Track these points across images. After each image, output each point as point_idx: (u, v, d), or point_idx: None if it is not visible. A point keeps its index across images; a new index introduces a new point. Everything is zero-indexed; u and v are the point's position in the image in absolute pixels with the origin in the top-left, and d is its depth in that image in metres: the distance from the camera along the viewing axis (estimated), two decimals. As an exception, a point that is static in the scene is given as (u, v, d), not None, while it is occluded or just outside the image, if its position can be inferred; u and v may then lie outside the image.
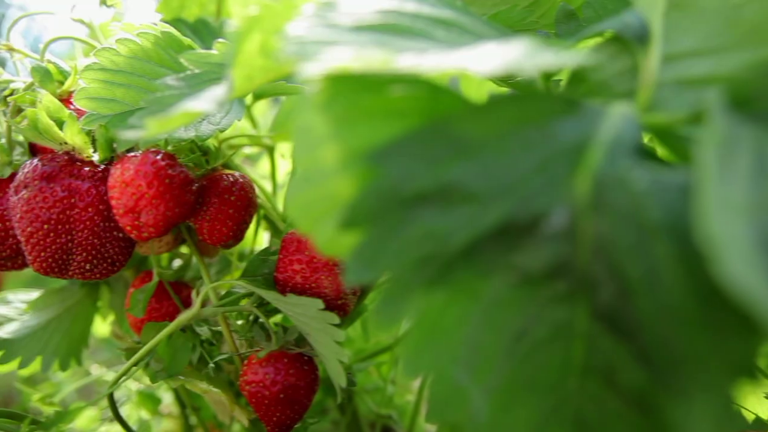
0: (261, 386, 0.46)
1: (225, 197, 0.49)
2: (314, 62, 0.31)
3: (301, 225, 0.33)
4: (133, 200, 0.44)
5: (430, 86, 0.34)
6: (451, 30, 0.37)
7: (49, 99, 0.47)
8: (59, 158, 0.48)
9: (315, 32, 0.34)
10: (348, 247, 0.32)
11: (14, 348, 0.56)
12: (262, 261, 0.49)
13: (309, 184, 0.33)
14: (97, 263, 0.49)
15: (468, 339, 0.33)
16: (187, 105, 0.36)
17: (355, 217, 0.32)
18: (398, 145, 0.32)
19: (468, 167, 0.32)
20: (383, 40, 0.34)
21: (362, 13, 0.35)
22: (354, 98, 0.33)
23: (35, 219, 0.47)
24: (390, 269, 0.32)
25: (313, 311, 0.44)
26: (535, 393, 0.33)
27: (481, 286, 0.32)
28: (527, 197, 0.32)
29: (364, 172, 0.32)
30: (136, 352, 0.49)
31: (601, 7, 0.47)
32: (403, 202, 0.32)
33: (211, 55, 0.44)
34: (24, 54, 0.55)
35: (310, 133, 0.33)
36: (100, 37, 0.58)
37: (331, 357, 0.45)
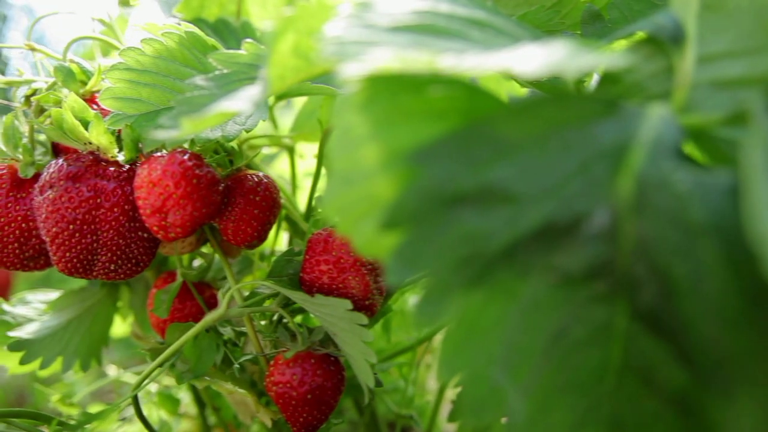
0: (288, 387, 0.46)
1: (250, 197, 0.49)
2: (356, 62, 0.31)
3: (340, 225, 0.33)
4: (160, 200, 0.44)
5: (467, 87, 0.34)
6: (485, 31, 0.37)
7: (74, 99, 0.47)
8: (84, 158, 0.48)
9: (353, 32, 0.34)
10: (388, 248, 0.32)
11: (35, 348, 0.56)
12: (287, 261, 0.49)
13: (349, 185, 0.33)
14: (122, 263, 0.49)
15: (506, 339, 0.33)
16: (223, 105, 0.36)
17: (396, 217, 0.32)
18: (439, 145, 0.32)
19: (508, 168, 0.32)
20: (421, 40, 0.34)
21: (398, 13, 0.35)
22: (394, 99, 0.33)
23: (61, 219, 0.47)
24: (430, 270, 0.32)
25: (341, 312, 0.44)
26: (572, 393, 0.33)
27: (520, 286, 0.33)
28: (568, 198, 0.32)
29: (405, 172, 0.32)
30: (160, 353, 0.48)
31: (626, 8, 0.48)
32: (444, 203, 0.32)
33: (240, 55, 0.44)
34: (46, 54, 0.55)
35: (349, 133, 0.33)
36: (120, 37, 0.58)
37: (359, 357, 0.45)
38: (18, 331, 0.56)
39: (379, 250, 0.33)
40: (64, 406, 0.61)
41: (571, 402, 0.33)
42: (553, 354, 0.32)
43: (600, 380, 0.33)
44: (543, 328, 0.32)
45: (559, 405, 0.33)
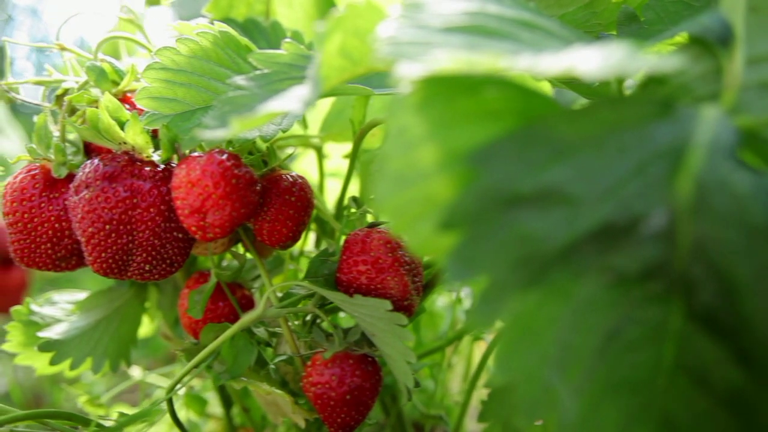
0: (327, 387, 0.46)
1: (285, 198, 0.49)
2: (417, 63, 0.31)
3: (396, 226, 0.33)
4: (199, 201, 0.44)
5: (520, 88, 0.35)
6: (535, 32, 0.37)
7: (109, 98, 0.47)
8: (120, 158, 0.48)
9: (407, 33, 0.34)
10: (445, 249, 0.33)
11: (65, 349, 0.55)
12: (322, 262, 0.49)
13: (404, 185, 0.33)
14: (157, 264, 0.49)
15: (559, 339, 0.33)
16: (274, 105, 0.37)
17: (454, 218, 0.32)
18: (496, 146, 0.33)
19: (566, 170, 0.32)
20: (475, 41, 0.34)
21: (450, 14, 0.36)
22: (450, 100, 0.33)
23: (97, 219, 0.47)
24: (487, 270, 0.32)
25: (381, 312, 0.44)
26: (624, 393, 0.33)
27: (574, 287, 0.33)
28: (626, 200, 0.32)
29: (463, 173, 0.32)
30: (195, 353, 0.48)
31: (662, 9, 0.48)
32: (502, 204, 0.32)
33: (280, 55, 0.44)
34: (76, 53, 0.55)
35: (405, 134, 0.33)
36: (149, 36, 0.58)
37: (398, 358, 0.45)
38: (47, 331, 0.56)
39: (436, 251, 0.33)
40: (91, 406, 0.61)
41: (623, 402, 0.33)
42: (606, 354, 0.33)
43: (652, 380, 0.33)
44: (596, 329, 0.33)
45: (611, 404, 0.33)
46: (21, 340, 0.58)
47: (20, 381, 1.13)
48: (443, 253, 0.32)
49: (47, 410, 0.47)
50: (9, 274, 1.08)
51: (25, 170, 0.51)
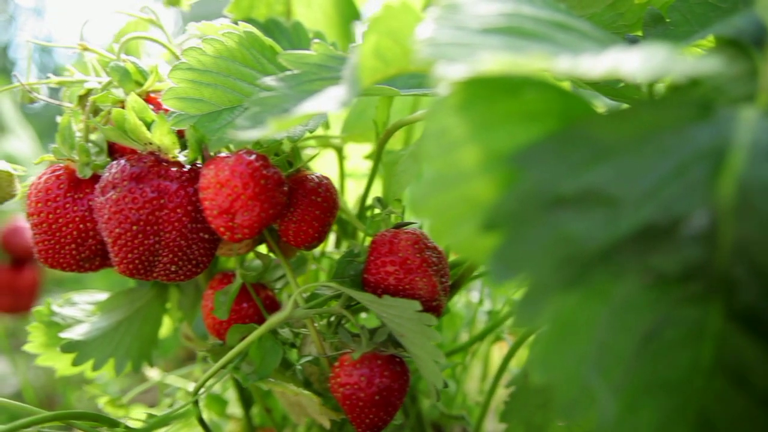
0: (356, 388, 0.46)
1: (312, 198, 0.49)
2: (459, 64, 0.31)
3: (436, 227, 0.34)
4: (228, 201, 0.44)
5: (559, 90, 0.35)
6: (569, 33, 0.37)
7: (135, 99, 0.47)
8: (146, 159, 0.48)
9: (446, 34, 0.34)
10: (487, 249, 0.33)
11: (87, 350, 0.55)
12: (348, 263, 0.49)
13: (446, 186, 0.33)
14: (182, 265, 0.49)
15: (598, 340, 0.33)
16: (311, 105, 0.37)
17: (496, 219, 0.32)
18: (537, 148, 0.33)
19: (607, 171, 0.33)
20: (514, 43, 0.34)
21: (487, 15, 0.36)
22: (491, 101, 0.33)
23: (124, 220, 0.47)
24: (529, 271, 0.33)
25: (410, 313, 0.45)
26: (661, 393, 0.34)
27: (613, 287, 0.33)
28: (667, 201, 0.32)
29: (505, 174, 0.32)
30: (221, 354, 0.48)
31: (688, 10, 0.48)
32: (544, 205, 0.33)
33: (309, 56, 0.44)
34: (99, 54, 0.55)
35: (446, 135, 0.33)
36: (170, 38, 0.58)
37: (427, 358, 0.45)
38: (69, 332, 0.56)
39: (477, 252, 0.33)
40: (112, 407, 0.61)
41: (660, 402, 0.33)
42: (644, 354, 0.33)
43: (689, 380, 0.33)
44: (635, 329, 0.33)
45: (648, 405, 0.33)
46: (42, 341, 0.58)
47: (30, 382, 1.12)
48: (485, 254, 0.32)
49: (73, 411, 0.47)
50: (21, 274, 1.08)
51: (49, 170, 0.52)
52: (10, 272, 1.07)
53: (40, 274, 1.10)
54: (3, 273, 1.07)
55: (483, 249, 0.33)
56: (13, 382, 1.15)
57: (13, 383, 1.15)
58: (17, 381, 1.15)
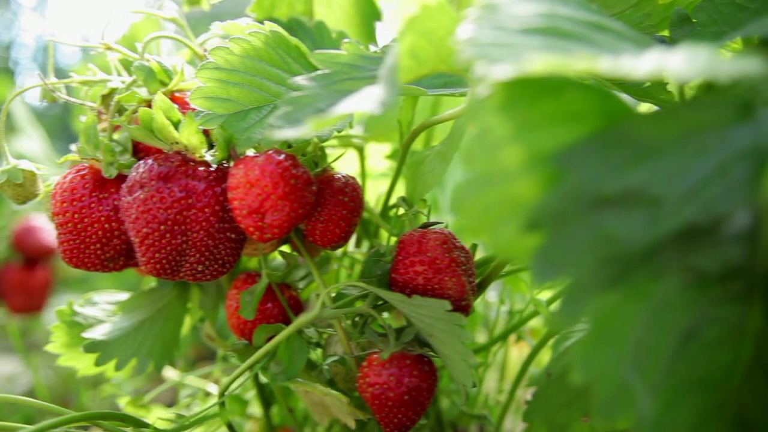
0: (385, 388, 0.46)
1: (339, 198, 0.49)
2: (505, 64, 0.31)
3: (478, 226, 0.34)
4: (258, 201, 0.44)
5: (599, 90, 0.35)
6: (606, 34, 0.37)
7: (162, 98, 0.47)
8: (173, 158, 0.48)
9: (487, 34, 0.34)
10: (530, 249, 0.33)
11: (109, 350, 0.56)
12: (375, 262, 0.49)
13: (488, 186, 0.33)
14: (209, 264, 0.49)
15: (637, 339, 0.34)
16: (349, 105, 0.37)
17: (539, 218, 0.33)
18: (580, 148, 0.33)
19: (649, 171, 0.33)
20: (555, 44, 0.34)
21: (525, 16, 0.36)
22: (534, 101, 0.33)
23: (152, 219, 0.47)
24: (572, 270, 0.33)
25: (440, 312, 0.45)
26: (699, 392, 0.34)
27: (653, 287, 0.33)
28: (708, 201, 0.33)
29: (548, 174, 0.32)
30: (248, 354, 0.49)
31: (714, 11, 0.48)
32: (587, 205, 0.33)
33: (340, 55, 0.44)
34: (123, 53, 0.55)
35: (489, 135, 0.33)
36: (191, 35, 0.58)
37: (457, 358, 0.45)
38: (91, 332, 0.56)
39: (519, 251, 0.33)
40: (134, 408, 0.61)
41: (698, 400, 0.34)
42: (683, 353, 0.33)
43: (728, 379, 0.33)
44: (674, 328, 0.33)
45: (686, 403, 0.33)
46: (64, 341, 0.58)
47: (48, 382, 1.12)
48: (527, 254, 0.33)
49: (101, 412, 0.48)
50: (33, 274, 1.08)
51: (74, 170, 0.52)
52: (23, 272, 1.07)
53: (52, 274, 1.10)
54: (16, 273, 1.07)
55: (525, 249, 0.33)
56: (24, 381, 1.15)
57: (24, 383, 1.15)
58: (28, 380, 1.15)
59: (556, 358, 0.58)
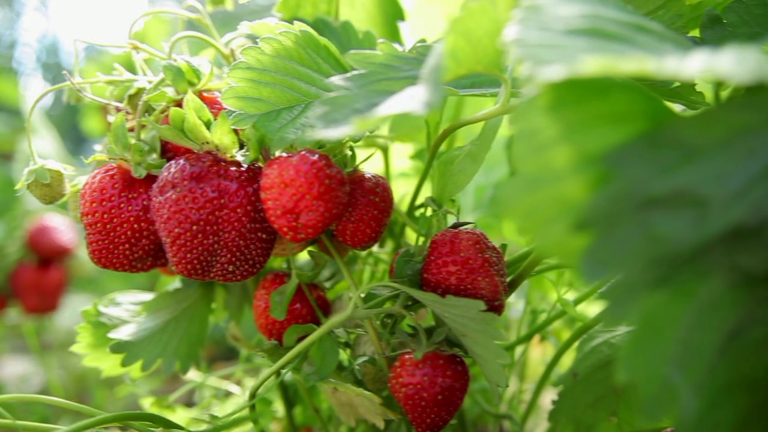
0: (419, 388, 0.46)
1: (370, 198, 0.49)
2: (556, 65, 0.31)
3: (525, 226, 0.34)
4: (292, 201, 0.45)
5: (643, 91, 0.35)
6: (648, 35, 0.38)
7: (193, 98, 0.47)
8: (205, 158, 0.48)
9: (533, 35, 0.34)
10: (578, 249, 0.33)
11: (135, 350, 0.56)
12: (406, 262, 0.49)
13: (536, 186, 0.33)
14: (240, 265, 0.49)
15: (681, 338, 0.34)
16: (393, 106, 0.37)
17: (588, 219, 0.33)
18: (628, 149, 0.33)
19: (696, 172, 0.33)
20: (600, 45, 0.35)
21: (569, 17, 0.36)
22: (581, 102, 0.34)
23: (184, 220, 0.47)
24: (620, 270, 0.33)
25: (473, 312, 0.45)
26: (743, 391, 0.34)
27: (699, 286, 0.34)
28: (756, 201, 0.33)
29: (597, 175, 0.33)
30: (279, 355, 0.49)
31: (745, 12, 0.49)
32: (635, 206, 0.33)
33: (375, 56, 0.45)
34: (150, 53, 0.55)
35: (537, 136, 0.33)
36: (215, 34, 0.58)
37: (491, 358, 0.45)
38: (117, 332, 0.56)
39: (567, 251, 0.34)
40: (158, 408, 0.61)
41: (741, 400, 0.34)
42: (727, 353, 0.34)
43: (770, 379, 0.33)
44: (718, 328, 0.33)
45: (729, 403, 0.34)
46: (90, 341, 0.58)
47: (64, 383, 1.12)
48: (575, 254, 0.33)
49: (132, 413, 0.48)
50: (47, 274, 1.07)
51: (103, 170, 0.52)
52: (37, 272, 1.07)
53: (66, 274, 1.10)
54: (30, 273, 1.07)
55: (573, 249, 0.33)
56: (36, 381, 1.15)
57: (36, 383, 1.14)
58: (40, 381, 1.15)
59: (581, 358, 0.58)
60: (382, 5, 0.64)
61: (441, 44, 0.38)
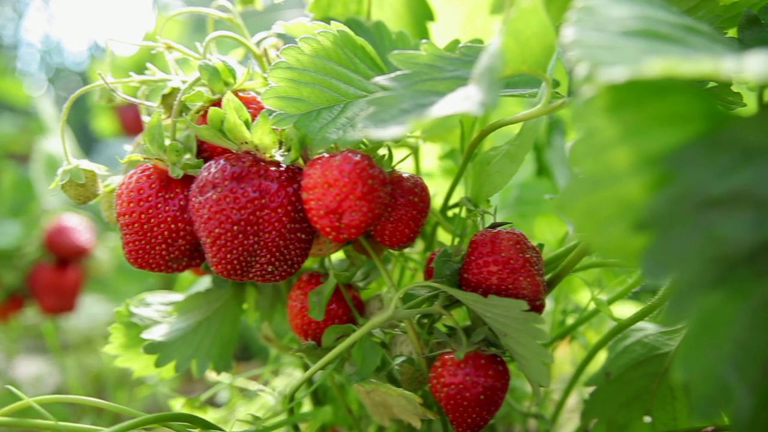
0: (461, 388, 0.47)
1: (409, 198, 0.49)
2: (619, 67, 0.32)
3: (584, 227, 0.34)
4: (336, 201, 0.45)
5: (699, 92, 0.35)
6: (700, 36, 0.38)
7: (233, 98, 0.47)
8: (245, 158, 0.48)
9: (590, 36, 0.35)
10: (637, 249, 0.33)
11: (169, 351, 0.56)
12: (444, 262, 0.50)
13: (597, 187, 0.34)
14: (279, 265, 0.49)
15: (736, 338, 0.34)
16: (448, 107, 0.37)
17: (649, 219, 0.33)
18: (689, 150, 0.34)
19: (755, 173, 0.34)
20: (657, 46, 0.35)
21: (623, 18, 0.36)
22: (640, 103, 0.34)
23: (225, 220, 0.47)
24: (679, 270, 0.33)
25: (516, 312, 0.45)
26: (797, 391, 0.34)
27: (756, 286, 0.34)
28: (815, 201, 0.33)
29: (658, 176, 0.33)
30: (317, 355, 0.49)
31: (783, 12, 0.49)
32: (695, 206, 0.34)
33: (419, 56, 0.45)
34: (183, 52, 0.55)
35: (597, 136, 0.34)
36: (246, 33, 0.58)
37: (533, 358, 0.46)
38: (150, 333, 0.56)
39: (627, 251, 0.34)
40: (191, 409, 0.61)
41: (795, 400, 0.34)
42: (783, 352, 0.34)
43: (825, 379, 0.34)
44: (774, 328, 0.34)
45: (785, 403, 0.34)
46: (122, 342, 0.58)
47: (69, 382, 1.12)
48: (634, 254, 0.33)
49: (172, 413, 0.48)
50: (65, 274, 1.07)
51: (139, 170, 0.52)
52: (55, 272, 1.07)
53: (83, 274, 1.10)
54: (48, 273, 1.07)
55: (632, 249, 0.34)
56: (51, 382, 1.15)
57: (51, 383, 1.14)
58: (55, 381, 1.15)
59: (614, 357, 0.59)
60: (410, 6, 0.65)
61: (494, 44, 0.38)
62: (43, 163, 1.03)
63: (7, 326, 1.11)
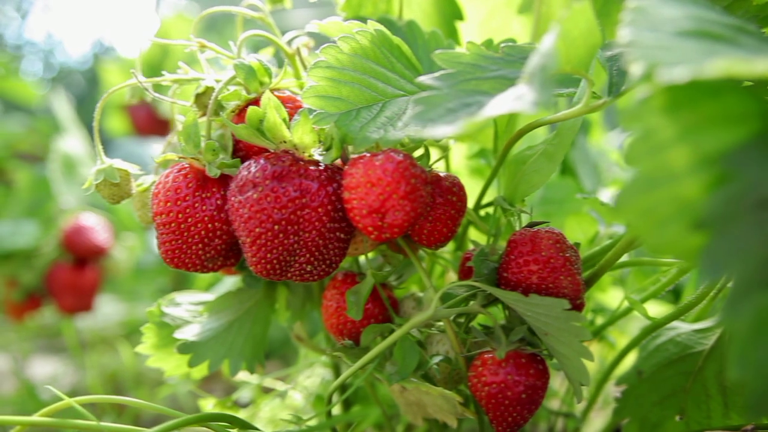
0: (502, 387, 0.47)
1: (448, 197, 0.50)
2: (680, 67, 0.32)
3: (640, 226, 0.35)
4: (379, 201, 0.45)
5: (752, 92, 0.36)
6: (750, 37, 0.38)
7: (272, 97, 0.48)
8: (285, 158, 0.49)
9: (646, 37, 0.35)
10: (693, 248, 0.34)
11: (201, 351, 0.56)
12: (482, 262, 0.50)
13: (654, 187, 0.34)
14: (318, 264, 0.50)
15: (791, 337, 0.34)
16: (500, 106, 0.38)
17: (706, 218, 0.34)
18: (745, 150, 0.34)
19: (811, 173, 0.34)
20: (712, 47, 0.35)
21: (676, 19, 0.37)
22: (696, 104, 0.34)
23: (266, 219, 0.47)
24: (736, 269, 0.34)
25: (557, 311, 0.46)
26: None
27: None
28: None
29: (715, 175, 0.33)
30: (356, 355, 0.49)
31: (815, 12, 0.50)
32: (751, 206, 0.34)
33: (463, 55, 0.45)
34: (217, 51, 0.55)
35: (653, 136, 0.34)
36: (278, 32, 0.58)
37: (575, 356, 0.46)
38: (182, 333, 0.56)
39: (683, 251, 0.34)
40: (222, 409, 0.61)
41: None
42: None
43: None
44: (827, 326, 0.34)
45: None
46: (154, 342, 0.58)
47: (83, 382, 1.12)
48: (691, 253, 0.34)
49: (212, 413, 0.48)
50: (83, 274, 1.07)
51: (175, 170, 0.52)
52: (73, 272, 1.07)
53: (101, 274, 1.10)
54: (66, 272, 1.07)
55: (689, 248, 0.34)
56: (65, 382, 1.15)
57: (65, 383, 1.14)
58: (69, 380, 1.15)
59: (646, 356, 0.59)
60: (439, 5, 0.65)
61: (546, 43, 0.38)
62: (60, 163, 1.03)
63: (21, 326, 1.11)
